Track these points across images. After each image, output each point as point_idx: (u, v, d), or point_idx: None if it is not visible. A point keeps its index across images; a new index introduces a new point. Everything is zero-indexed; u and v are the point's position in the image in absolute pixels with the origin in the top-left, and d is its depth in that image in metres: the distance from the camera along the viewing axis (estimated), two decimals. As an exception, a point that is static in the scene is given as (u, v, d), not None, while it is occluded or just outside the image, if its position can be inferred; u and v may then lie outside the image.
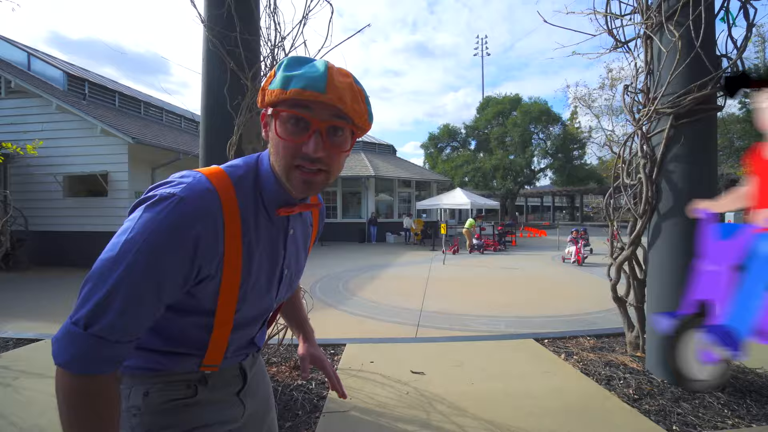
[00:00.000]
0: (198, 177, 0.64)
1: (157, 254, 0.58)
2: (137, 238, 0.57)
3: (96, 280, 0.57)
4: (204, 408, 0.74)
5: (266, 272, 0.72)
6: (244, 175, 0.69)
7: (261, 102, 0.67)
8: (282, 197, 0.70)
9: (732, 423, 2.04)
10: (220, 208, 0.63)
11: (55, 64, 10.52)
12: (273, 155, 0.67)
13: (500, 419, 2.12)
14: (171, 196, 0.59)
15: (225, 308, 0.68)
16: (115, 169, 8.67)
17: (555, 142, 25.34)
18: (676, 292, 2.45)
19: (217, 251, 0.63)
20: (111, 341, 0.57)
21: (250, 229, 0.68)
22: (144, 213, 0.59)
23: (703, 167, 2.45)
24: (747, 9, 2.37)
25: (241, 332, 0.76)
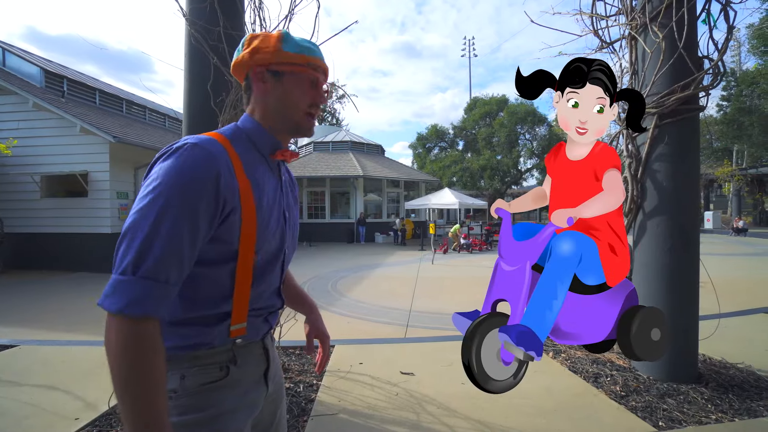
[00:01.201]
0: (198, 135, 0.73)
1: (187, 191, 0.64)
2: (164, 182, 0.64)
3: (134, 231, 0.62)
4: (235, 389, 0.77)
5: (273, 211, 0.81)
6: (236, 133, 0.80)
7: (269, 58, 0.79)
8: (273, 143, 0.83)
9: (716, 418, 2.07)
10: (225, 150, 0.73)
11: (32, 60, 10.16)
12: (280, 105, 0.81)
13: (490, 419, 2.12)
14: (184, 145, 0.68)
15: (246, 246, 0.74)
16: (96, 169, 8.42)
17: (541, 142, 25.71)
18: (662, 289, 2.49)
19: (234, 185, 0.71)
20: (161, 281, 0.62)
21: (252, 171, 0.77)
22: (163, 163, 0.67)
23: (686, 166, 2.49)
24: (727, 12, 2.42)
25: (263, 277, 0.80)
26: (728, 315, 4.04)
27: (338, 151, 18.08)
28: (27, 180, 8.53)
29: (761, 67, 18.43)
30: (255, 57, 0.80)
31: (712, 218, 21.15)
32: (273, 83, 0.81)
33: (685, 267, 2.47)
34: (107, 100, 11.29)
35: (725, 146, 24.91)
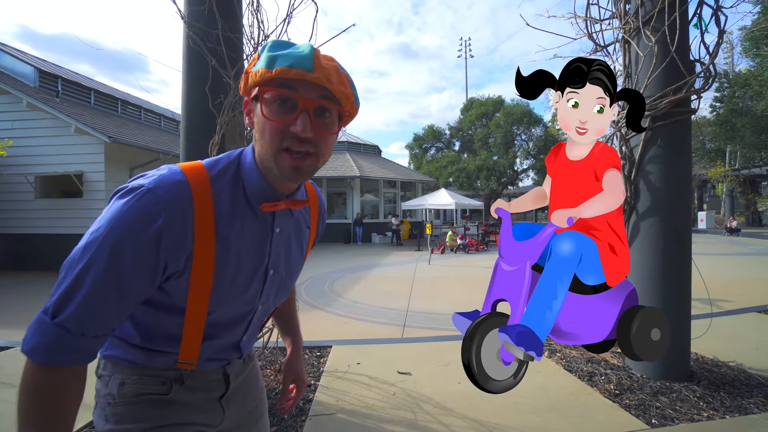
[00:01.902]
0: (173, 169, 0.63)
1: (118, 246, 0.57)
2: (102, 229, 0.58)
3: (66, 269, 0.58)
4: (177, 407, 0.72)
5: (246, 272, 0.69)
6: (224, 168, 0.67)
7: (243, 88, 0.65)
8: (266, 191, 0.68)
9: (707, 415, 2.11)
10: (190, 199, 0.61)
11: (26, 59, 10.09)
12: (259, 141, 0.65)
13: (486, 417, 2.14)
14: (139, 188, 0.59)
15: (195, 308, 0.66)
16: (91, 169, 8.38)
17: (537, 143, 25.85)
18: (655, 289, 2.53)
19: (184, 246, 0.61)
20: (75, 334, 0.57)
21: (227, 224, 0.65)
22: (113, 204, 0.60)
23: (678, 167, 2.53)
24: (718, 16, 2.46)
25: (219, 334, 0.73)
26: (720, 314, 4.10)
27: (335, 151, 17.99)
28: (21, 180, 8.46)
29: (753, 69, 18.64)
30: (241, 82, 0.66)
31: (706, 218, 21.36)
32: (255, 112, 0.65)
33: (677, 267, 2.51)
34: (102, 100, 11.22)
35: (718, 147, 25.19)
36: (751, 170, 20.71)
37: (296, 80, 0.60)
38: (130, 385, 0.70)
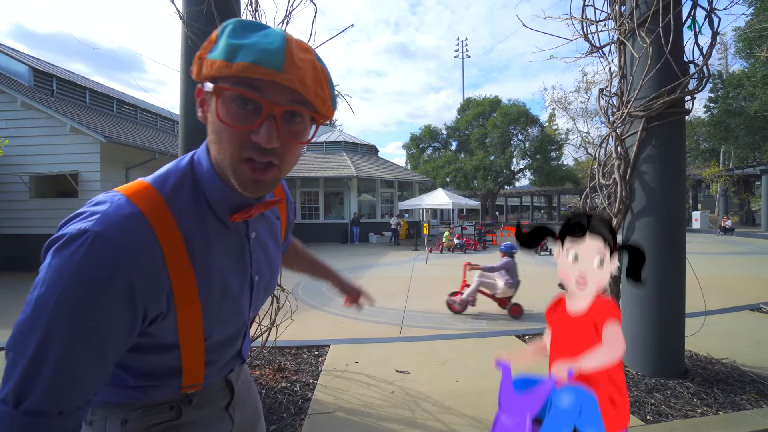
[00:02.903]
0: (116, 201, 0.51)
1: (80, 309, 0.47)
2: (51, 293, 0.47)
3: (16, 349, 0.47)
4: (190, 429, 0.67)
5: (234, 288, 0.63)
6: (177, 183, 0.57)
7: (197, 74, 0.53)
8: (233, 198, 0.59)
9: (701, 411, 2.14)
10: (151, 232, 0.51)
11: (20, 58, 10.01)
12: (215, 144, 0.55)
13: (484, 415, 2.16)
14: (82, 234, 0.47)
15: (190, 340, 0.59)
16: (86, 169, 8.33)
17: (533, 143, 25.96)
18: (650, 287, 2.56)
19: (161, 286, 0.53)
20: (52, 414, 0.47)
21: (201, 246, 0.57)
22: (53, 260, 0.48)
23: (673, 168, 2.56)
24: (712, 18, 2.50)
25: (221, 352, 0.69)
26: (714, 312, 4.15)
27: (332, 151, 18.06)
28: (15, 180, 8.40)
29: (746, 70, 18.82)
30: (194, 67, 0.54)
31: (700, 218, 21.56)
32: (209, 108, 0.55)
33: (672, 265, 2.54)
34: (98, 100, 11.16)
35: (712, 147, 25.43)
36: (745, 170, 20.93)
37: (262, 80, 0.49)
38: (135, 421, 0.62)
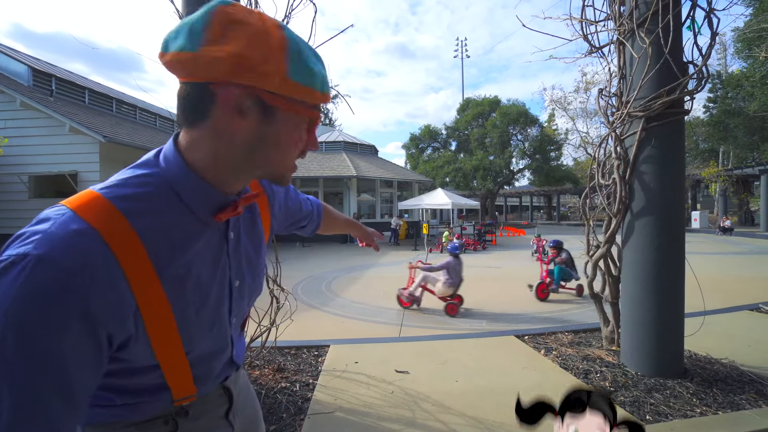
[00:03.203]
0: (60, 217, 0.46)
1: (28, 344, 0.41)
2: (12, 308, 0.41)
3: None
4: None
5: (211, 295, 0.59)
6: (138, 190, 0.52)
7: (263, 83, 0.49)
8: (214, 196, 0.57)
9: (700, 411, 2.14)
10: (106, 248, 0.46)
11: (19, 58, 10.00)
12: (257, 152, 0.54)
13: (484, 415, 2.16)
14: (21, 259, 0.42)
15: (169, 357, 0.55)
16: (86, 169, 8.33)
17: (533, 143, 26.00)
18: (649, 287, 2.56)
19: (124, 307, 0.48)
20: None
21: (169, 255, 0.52)
22: (7, 277, 0.42)
23: (672, 168, 2.57)
24: (711, 18, 2.50)
25: (208, 364, 0.65)
26: (713, 312, 4.16)
27: (331, 151, 18.06)
28: (14, 180, 8.40)
29: (745, 71, 18.86)
30: (237, 71, 0.48)
31: (699, 218, 21.59)
32: (257, 120, 0.52)
33: (671, 265, 2.54)
34: (97, 99, 11.15)
35: (711, 147, 25.47)
36: (744, 170, 20.96)
37: (326, 101, 0.56)
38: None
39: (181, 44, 0.48)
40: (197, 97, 0.51)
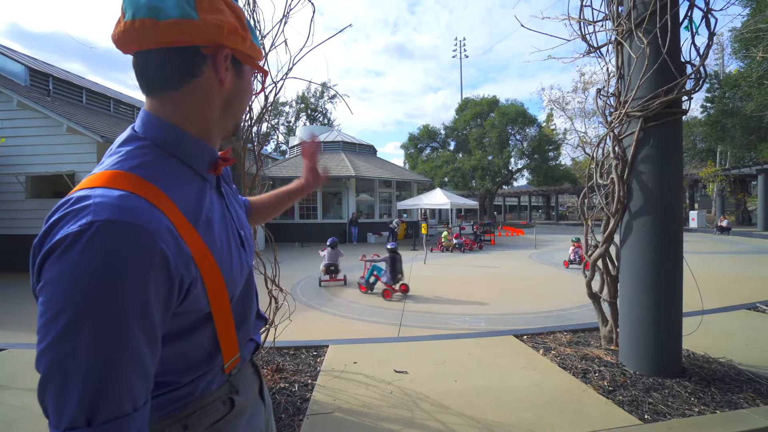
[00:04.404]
0: (97, 191, 0.49)
1: (120, 295, 0.45)
2: (80, 298, 0.44)
3: (61, 371, 0.44)
4: (242, 417, 0.69)
5: (231, 239, 0.65)
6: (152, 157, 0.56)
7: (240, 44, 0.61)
8: (208, 152, 0.64)
9: (698, 410, 2.15)
10: (152, 205, 0.50)
11: (16, 57, 9.96)
12: (232, 104, 0.65)
13: (483, 415, 2.16)
14: (88, 227, 0.45)
15: (219, 304, 0.60)
16: (83, 169, 8.29)
17: (531, 143, 26.04)
18: (647, 287, 2.57)
19: (182, 252, 0.52)
20: (128, 413, 0.47)
21: (193, 209, 0.58)
22: (62, 266, 0.44)
23: (670, 167, 2.57)
24: (708, 19, 2.51)
25: (244, 312, 0.70)
26: (711, 311, 4.17)
27: (330, 151, 18.04)
28: (11, 180, 8.36)
29: (743, 71, 18.92)
30: (231, 36, 0.59)
31: (697, 217, 21.66)
32: (233, 75, 0.63)
33: (669, 264, 2.55)
34: (94, 99, 11.11)
35: (709, 147, 25.55)
36: (741, 170, 21.04)
37: None
38: (196, 423, 0.61)
39: (181, 12, 0.55)
40: (187, 60, 0.57)
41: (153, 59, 0.57)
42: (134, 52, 0.57)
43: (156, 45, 0.55)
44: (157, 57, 0.56)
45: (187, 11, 0.55)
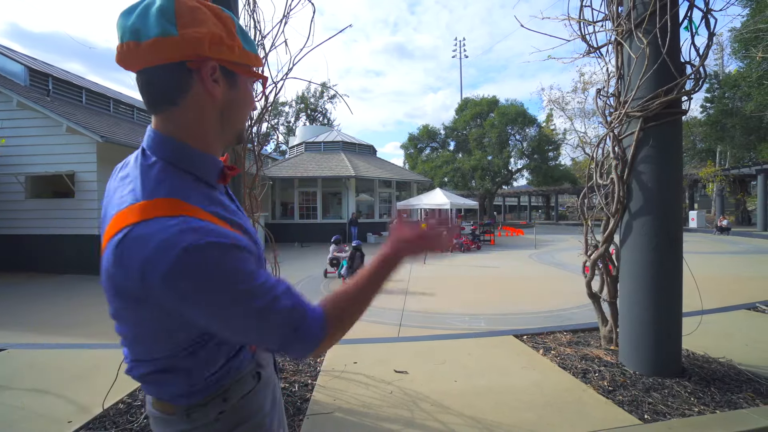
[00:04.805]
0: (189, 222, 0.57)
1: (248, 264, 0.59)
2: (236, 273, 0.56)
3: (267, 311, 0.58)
4: (267, 390, 0.78)
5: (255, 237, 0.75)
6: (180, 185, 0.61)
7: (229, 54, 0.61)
8: (217, 164, 0.68)
9: (698, 410, 2.15)
10: (209, 222, 0.59)
11: (16, 57, 9.95)
12: (229, 115, 0.66)
13: (483, 415, 2.16)
14: (205, 244, 0.56)
15: None
16: (83, 169, 8.29)
17: (531, 143, 26.03)
18: (647, 287, 2.57)
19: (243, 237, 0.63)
20: (294, 293, 0.63)
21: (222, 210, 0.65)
22: (207, 260, 0.55)
23: (670, 167, 2.57)
24: (708, 19, 2.51)
25: None
26: (711, 311, 4.17)
27: (330, 151, 18.04)
28: (11, 180, 8.35)
29: (742, 71, 18.93)
30: (214, 47, 0.59)
31: (697, 217, 21.67)
32: (225, 86, 0.63)
33: (669, 264, 2.55)
34: (94, 99, 11.10)
35: (709, 147, 25.54)
36: (741, 170, 21.05)
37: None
38: (233, 394, 0.70)
39: (160, 30, 0.56)
40: (176, 76, 0.60)
41: (147, 78, 0.60)
42: (136, 71, 0.61)
43: (143, 65, 0.59)
44: (150, 76, 0.60)
45: (166, 29, 0.56)
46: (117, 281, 0.57)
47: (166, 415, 0.69)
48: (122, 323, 0.64)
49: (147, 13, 0.56)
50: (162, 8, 0.56)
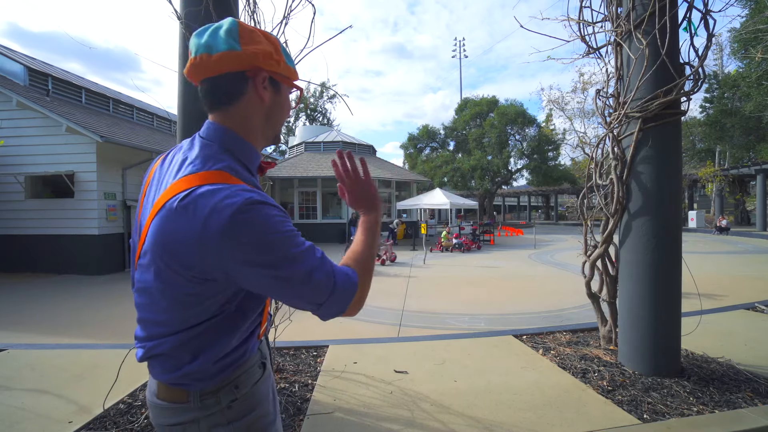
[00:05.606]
0: (236, 190, 0.67)
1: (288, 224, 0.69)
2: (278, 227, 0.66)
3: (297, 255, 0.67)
4: (269, 379, 0.85)
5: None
6: (230, 165, 0.72)
7: (275, 66, 0.75)
8: (258, 156, 0.81)
9: (697, 410, 2.16)
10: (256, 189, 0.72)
11: (15, 57, 9.93)
12: (274, 118, 0.80)
13: (483, 415, 2.17)
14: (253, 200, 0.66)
15: None
16: (83, 169, 8.28)
17: (531, 143, 26.03)
18: (646, 287, 2.57)
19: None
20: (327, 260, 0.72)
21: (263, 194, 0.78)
22: (253, 215, 0.64)
23: (669, 168, 2.58)
24: (707, 20, 2.52)
25: None
26: (710, 311, 4.18)
27: (330, 151, 18.04)
28: (11, 180, 8.34)
29: (742, 71, 18.95)
30: (266, 60, 0.73)
31: (696, 217, 21.69)
32: (272, 92, 0.78)
33: (668, 265, 2.56)
34: (94, 99, 11.09)
35: (708, 147, 25.58)
36: (740, 170, 21.07)
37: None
38: (242, 382, 0.77)
39: (228, 46, 0.71)
40: (237, 82, 0.74)
41: (213, 83, 0.74)
42: (200, 80, 0.74)
43: (213, 73, 0.72)
44: (216, 81, 0.73)
45: (232, 45, 0.71)
46: (172, 236, 0.64)
47: (176, 404, 0.73)
48: (151, 291, 0.69)
49: (217, 33, 0.71)
50: (229, 30, 0.71)
